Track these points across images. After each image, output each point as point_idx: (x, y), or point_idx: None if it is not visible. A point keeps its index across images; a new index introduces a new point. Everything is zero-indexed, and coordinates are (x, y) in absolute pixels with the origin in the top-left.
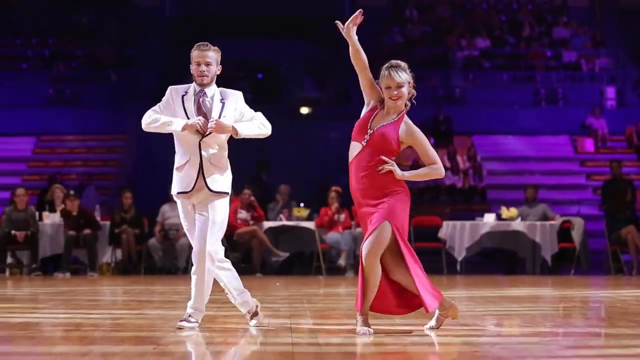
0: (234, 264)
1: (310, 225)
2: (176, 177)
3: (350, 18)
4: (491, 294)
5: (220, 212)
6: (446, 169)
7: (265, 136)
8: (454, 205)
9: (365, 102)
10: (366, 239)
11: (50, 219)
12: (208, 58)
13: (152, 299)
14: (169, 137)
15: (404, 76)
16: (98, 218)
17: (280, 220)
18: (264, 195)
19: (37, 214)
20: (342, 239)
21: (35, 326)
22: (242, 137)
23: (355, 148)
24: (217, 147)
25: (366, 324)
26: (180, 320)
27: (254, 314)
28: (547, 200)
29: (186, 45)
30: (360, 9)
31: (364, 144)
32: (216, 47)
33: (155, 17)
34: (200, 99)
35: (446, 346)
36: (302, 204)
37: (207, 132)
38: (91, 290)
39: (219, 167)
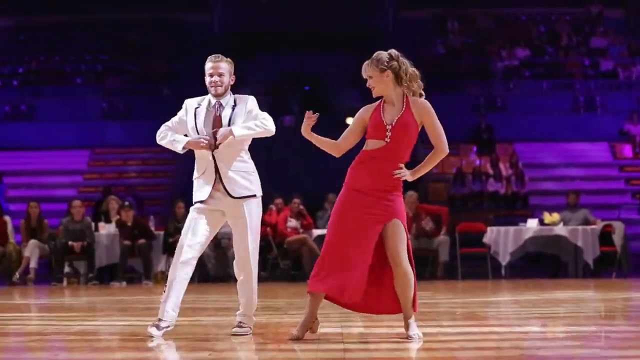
0: (284, 272)
1: None
2: (195, 186)
3: (305, 120)
4: (535, 297)
5: (253, 216)
6: (489, 175)
7: (267, 135)
8: (498, 211)
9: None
10: (392, 239)
11: (106, 230)
12: (220, 69)
13: (206, 307)
14: None
15: (371, 69)
16: (152, 228)
17: None
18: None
19: (93, 224)
20: None
21: (94, 334)
22: (240, 139)
23: (375, 144)
24: (233, 155)
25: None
26: (234, 327)
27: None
28: (587, 205)
29: (234, 60)
30: (311, 110)
31: (388, 140)
32: (229, 59)
33: (203, 32)
34: (217, 112)
35: (494, 350)
36: None
37: (216, 145)
38: (147, 298)
39: (239, 173)
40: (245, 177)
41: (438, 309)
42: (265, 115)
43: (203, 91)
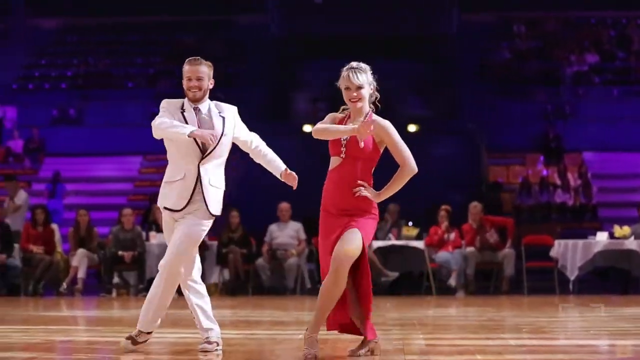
0: None
1: (420, 244)
2: (165, 190)
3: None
4: (605, 314)
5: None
6: (556, 186)
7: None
8: (565, 223)
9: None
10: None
11: (157, 239)
12: (199, 73)
13: (261, 320)
14: (279, 155)
15: (363, 78)
16: (205, 238)
17: (389, 239)
18: None
19: (143, 234)
20: (452, 258)
21: (145, 346)
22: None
23: (334, 162)
24: (218, 166)
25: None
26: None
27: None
28: None
29: (291, 64)
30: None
31: (343, 156)
32: (209, 62)
33: (260, 35)
34: (197, 116)
35: None
36: (410, 223)
37: (210, 149)
38: None
39: (216, 187)
40: (219, 193)
41: (504, 324)
42: (256, 136)
43: (257, 96)
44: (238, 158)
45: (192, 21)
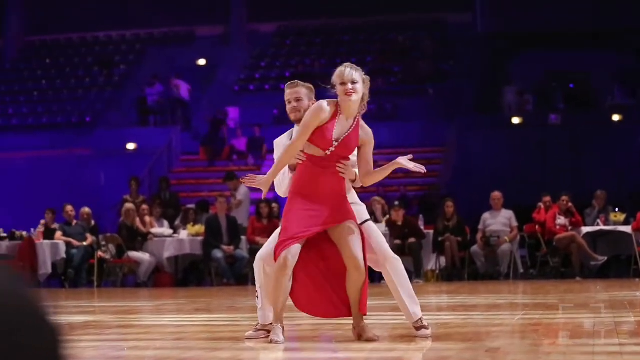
0: (554, 269)
1: (627, 229)
2: None
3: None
4: None
5: None
6: None
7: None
8: None
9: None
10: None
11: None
12: (297, 94)
13: (477, 304)
14: (490, 147)
15: (357, 75)
16: (422, 227)
17: (597, 225)
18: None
19: None
20: None
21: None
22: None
23: (314, 150)
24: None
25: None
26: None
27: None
28: None
29: (499, 60)
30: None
31: (328, 153)
32: (309, 85)
33: (467, 32)
34: None
35: None
36: (617, 209)
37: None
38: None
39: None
40: None
41: None
42: None
43: (467, 91)
44: (449, 151)
45: (403, 20)
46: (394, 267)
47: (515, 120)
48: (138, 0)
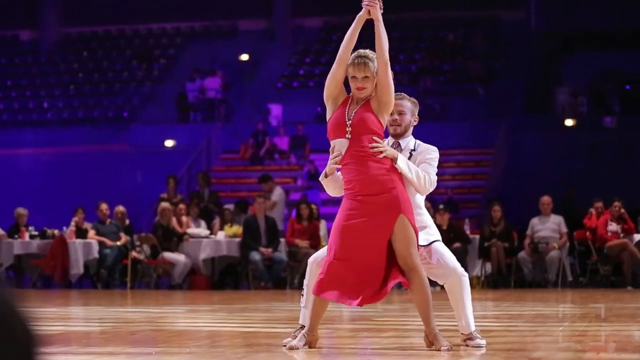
0: (604, 277)
1: None
2: None
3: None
4: None
5: None
6: None
7: (421, 189)
8: None
9: (326, 98)
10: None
11: None
12: (401, 107)
13: (522, 313)
14: (541, 150)
15: (368, 69)
16: (467, 232)
17: None
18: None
19: None
20: None
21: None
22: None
23: (342, 145)
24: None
25: None
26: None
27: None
28: None
29: (552, 59)
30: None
31: (349, 136)
32: (414, 99)
33: (520, 31)
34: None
35: None
36: None
37: None
38: None
39: None
40: None
41: None
42: (433, 170)
43: (518, 90)
44: (498, 153)
45: (454, 18)
46: (462, 283)
47: (569, 122)
48: None
